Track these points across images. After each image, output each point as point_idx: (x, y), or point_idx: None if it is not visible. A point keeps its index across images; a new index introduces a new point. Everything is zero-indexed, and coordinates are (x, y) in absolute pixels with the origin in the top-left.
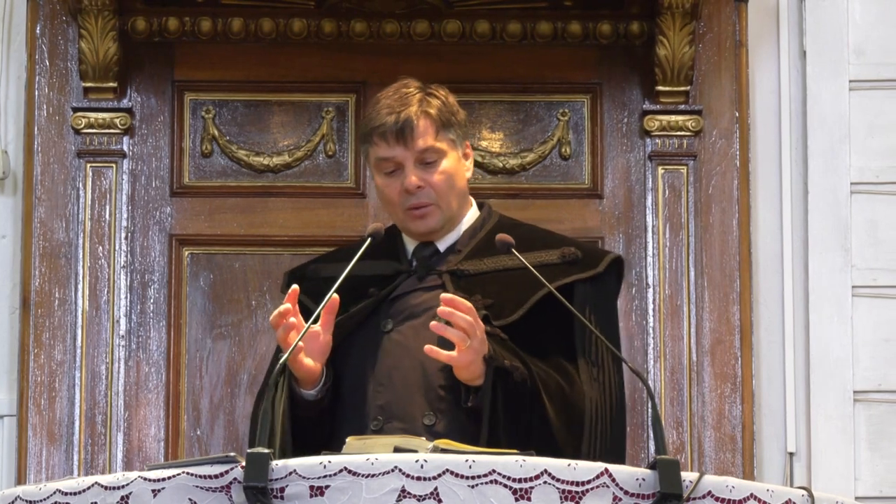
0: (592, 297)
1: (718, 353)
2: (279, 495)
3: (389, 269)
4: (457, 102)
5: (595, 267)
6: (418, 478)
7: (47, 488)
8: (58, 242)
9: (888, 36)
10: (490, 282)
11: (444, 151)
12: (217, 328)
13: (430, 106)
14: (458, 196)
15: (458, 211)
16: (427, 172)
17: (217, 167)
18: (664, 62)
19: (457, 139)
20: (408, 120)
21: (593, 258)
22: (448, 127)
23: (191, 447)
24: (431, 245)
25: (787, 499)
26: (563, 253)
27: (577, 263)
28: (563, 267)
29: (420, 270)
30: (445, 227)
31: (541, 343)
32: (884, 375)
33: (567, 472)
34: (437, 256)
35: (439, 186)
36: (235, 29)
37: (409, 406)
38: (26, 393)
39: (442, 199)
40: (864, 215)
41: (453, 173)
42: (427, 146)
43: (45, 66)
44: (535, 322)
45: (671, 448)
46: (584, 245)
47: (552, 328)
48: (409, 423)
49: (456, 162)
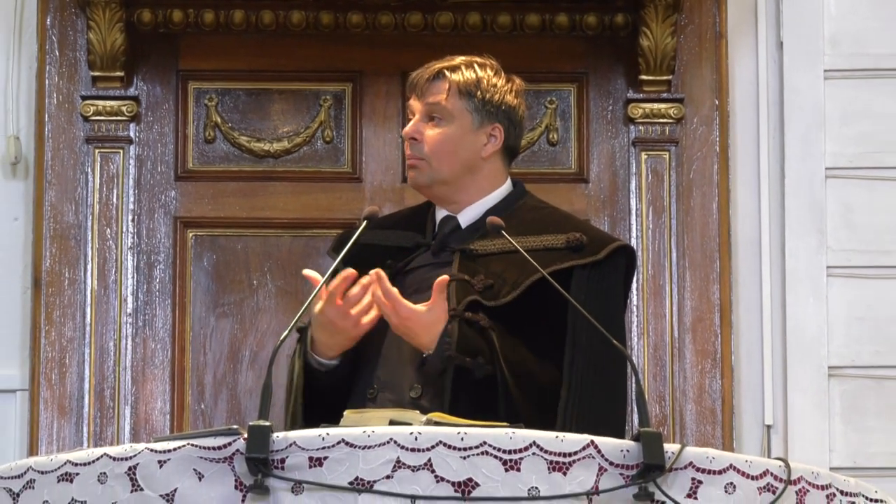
0: (588, 283)
1: (699, 331)
2: (280, 466)
3: (411, 241)
4: (512, 91)
5: (596, 254)
6: (412, 449)
7: (58, 459)
8: (67, 225)
9: (861, 27)
10: (495, 262)
11: (453, 116)
12: (220, 307)
13: (460, 74)
14: (458, 163)
15: (463, 180)
16: (428, 128)
17: (220, 153)
18: (647, 52)
19: (475, 112)
20: (426, 75)
21: (598, 245)
22: (468, 97)
23: (195, 420)
24: (454, 219)
25: (765, 469)
26: (568, 238)
27: (581, 250)
28: (565, 252)
29: (434, 245)
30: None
31: (534, 325)
32: (857, 352)
33: (555, 443)
34: (458, 232)
35: (432, 144)
36: (237, 20)
37: (400, 378)
38: (38, 369)
39: (433, 158)
40: (838, 199)
41: (455, 139)
42: (435, 102)
43: (54, 56)
44: (532, 304)
45: (654, 421)
46: (594, 232)
47: (547, 311)
48: (398, 394)
49: (462, 131)
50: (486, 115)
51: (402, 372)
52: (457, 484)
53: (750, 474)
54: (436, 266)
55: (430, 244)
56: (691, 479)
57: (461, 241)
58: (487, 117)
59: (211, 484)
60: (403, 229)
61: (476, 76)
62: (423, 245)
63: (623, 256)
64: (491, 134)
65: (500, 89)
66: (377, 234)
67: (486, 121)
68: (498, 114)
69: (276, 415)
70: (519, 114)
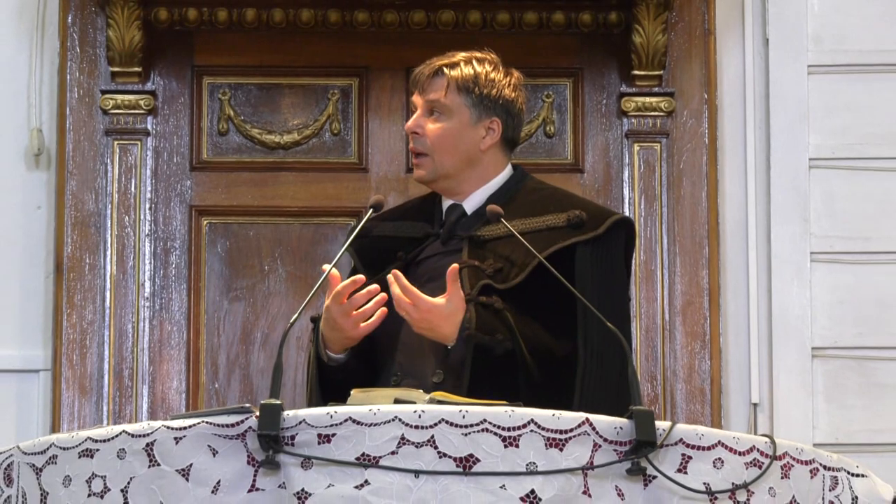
0: (591, 258)
1: (689, 314)
2: (290, 443)
3: (421, 231)
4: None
5: (596, 229)
6: (416, 426)
7: (79, 436)
8: (88, 213)
9: (843, 25)
10: (502, 246)
11: (452, 111)
12: (233, 291)
13: (458, 70)
14: (458, 157)
15: (465, 172)
16: (429, 122)
17: (233, 144)
18: (640, 49)
19: (474, 108)
20: (426, 72)
21: (597, 220)
22: (467, 93)
23: (209, 399)
24: (459, 207)
25: (752, 445)
26: (569, 216)
27: (581, 226)
28: (567, 230)
29: (443, 235)
30: (461, 184)
31: (544, 303)
32: (839, 333)
33: (551, 421)
34: (465, 219)
35: (433, 138)
36: (249, 18)
37: (422, 365)
38: (60, 350)
39: (435, 152)
40: (821, 188)
41: (454, 134)
42: (435, 98)
43: (75, 52)
44: (540, 283)
45: (646, 400)
46: (592, 207)
47: (555, 289)
48: (421, 380)
49: (462, 125)
50: (484, 109)
51: (424, 359)
52: (458, 459)
53: (737, 450)
54: (446, 254)
55: (439, 234)
56: (681, 454)
57: (468, 229)
58: (485, 112)
59: (224, 459)
60: (412, 220)
61: (474, 72)
62: (431, 235)
63: (623, 229)
64: (489, 127)
65: (499, 84)
66: (388, 225)
67: (483, 115)
68: (496, 108)
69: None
70: (517, 106)
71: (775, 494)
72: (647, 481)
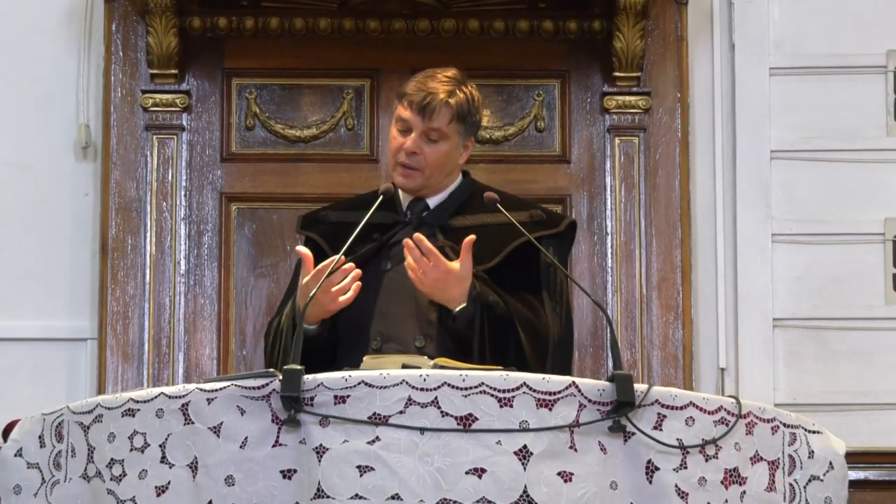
0: (553, 251)
1: (664, 289)
2: (309, 403)
3: (389, 219)
4: (479, 103)
5: (557, 226)
6: (422, 389)
7: (122, 397)
8: (130, 199)
9: (801, 32)
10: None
11: (448, 136)
12: (258, 268)
13: (457, 98)
14: (444, 172)
15: (443, 180)
16: (427, 145)
17: (258, 138)
18: (620, 53)
19: (463, 132)
20: (433, 102)
21: (554, 219)
22: (461, 120)
23: (238, 364)
24: (422, 201)
25: (720, 405)
26: (531, 214)
27: (543, 223)
28: (531, 225)
29: (414, 222)
30: (434, 188)
31: (512, 284)
32: (797, 306)
33: (542, 384)
34: (429, 212)
35: (431, 160)
36: (273, 26)
37: (404, 331)
38: (105, 321)
39: (428, 170)
40: (781, 177)
41: (447, 155)
42: (436, 127)
43: (119, 56)
44: (508, 268)
45: (626, 365)
46: (545, 209)
47: (521, 272)
48: (404, 344)
49: (453, 148)
50: (468, 133)
51: (406, 326)
52: (459, 418)
53: (707, 409)
54: None
55: (408, 221)
56: (657, 413)
57: (437, 219)
58: (468, 134)
59: (251, 418)
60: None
61: (466, 99)
62: (400, 222)
63: (574, 229)
64: (466, 146)
65: (479, 107)
66: (347, 214)
67: (466, 137)
68: (474, 130)
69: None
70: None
71: (740, 449)
72: (626, 437)
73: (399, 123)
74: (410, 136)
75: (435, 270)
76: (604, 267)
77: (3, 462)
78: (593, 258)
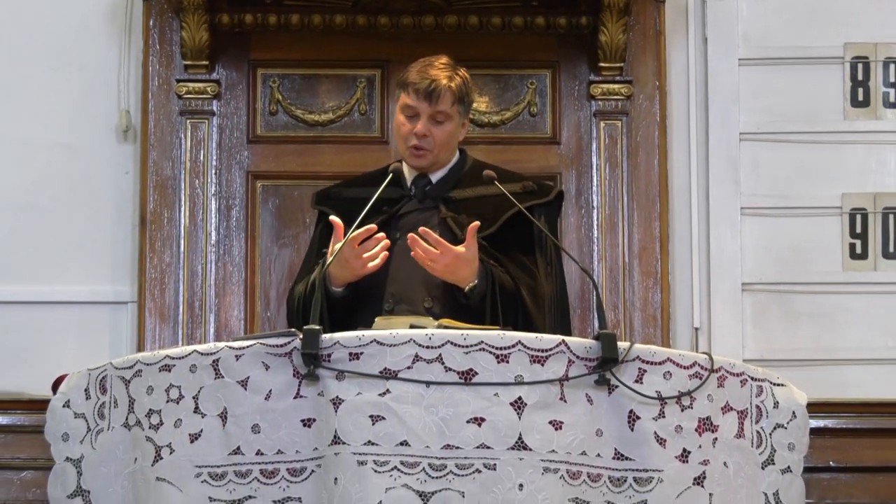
0: (544, 219)
1: (644, 257)
2: (327, 360)
3: (396, 193)
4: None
5: (547, 195)
6: (427, 347)
7: (159, 354)
8: (166, 177)
9: (767, 26)
10: (472, 205)
11: (451, 117)
12: (281, 239)
13: (455, 82)
14: (449, 149)
15: (447, 157)
16: (435, 127)
17: (281, 122)
18: (605, 46)
19: (462, 112)
20: (438, 88)
21: (545, 189)
22: (461, 101)
23: (263, 324)
24: (426, 177)
25: (694, 361)
26: (523, 185)
27: (534, 193)
28: (523, 195)
29: (419, 195)
30: (436, 165)
31: (509, 249)
32: (763, 272)
33: (535, 342)
34: (432, 186)
35: (439, 140)
36: (294, 22)
37: (414, 294)
38: (144, 286)
39: (437, 148)
40: (749, 157)
41: (451, 134)
42: (442, 110)
43: (156, 49)
44: (505, 234)
45: (610, 325)
46: (536, 179)
47: (517, 238)
48: (413, 306)
49: (456, 127)
50: (465, 111)
51: (415, 288)
52: (461, 373)
53: (682, 364)
54: (423, 210)
55: (413, 195)
56: (638, 368)
57: (439, 192)
58: (465, 113)
59: (275, 373)
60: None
61: (462, 82)
62: (405, 196)
63: (560, 198)
64: (464, 124)
65: (470, 87)
66: (358, 191)
67: (464, 116)
68: (469, 108)
69: None
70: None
71: (713, 400)
72: (610, 390)
73: (406, 110)
74: (420, 121)
75: (444, 257)
76: (590, 237)
77: (53, 412)
78: (581, 229)
